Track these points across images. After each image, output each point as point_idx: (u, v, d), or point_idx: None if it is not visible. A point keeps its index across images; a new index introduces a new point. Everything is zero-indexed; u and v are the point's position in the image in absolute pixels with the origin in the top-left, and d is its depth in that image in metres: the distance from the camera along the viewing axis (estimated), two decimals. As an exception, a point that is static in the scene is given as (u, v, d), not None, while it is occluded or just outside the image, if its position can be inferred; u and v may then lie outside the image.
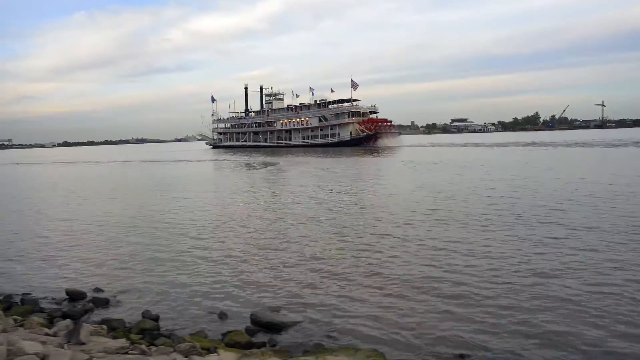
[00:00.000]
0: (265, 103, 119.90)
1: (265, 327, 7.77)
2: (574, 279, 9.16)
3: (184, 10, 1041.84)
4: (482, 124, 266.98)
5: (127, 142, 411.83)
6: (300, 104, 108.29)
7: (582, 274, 9.47)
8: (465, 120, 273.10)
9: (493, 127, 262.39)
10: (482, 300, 8.33)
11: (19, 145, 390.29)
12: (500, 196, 19.92)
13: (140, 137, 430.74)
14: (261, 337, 7.43)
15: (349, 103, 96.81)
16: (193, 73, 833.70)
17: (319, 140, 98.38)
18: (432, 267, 10.39)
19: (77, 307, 8.81)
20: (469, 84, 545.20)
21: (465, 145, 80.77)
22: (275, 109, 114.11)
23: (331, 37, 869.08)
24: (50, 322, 7.70)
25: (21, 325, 7.03)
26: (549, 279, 9.20)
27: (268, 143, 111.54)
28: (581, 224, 13.86)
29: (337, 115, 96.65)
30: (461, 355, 6.58)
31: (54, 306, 9.01)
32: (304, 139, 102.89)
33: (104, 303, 9.17)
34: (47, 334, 6.50)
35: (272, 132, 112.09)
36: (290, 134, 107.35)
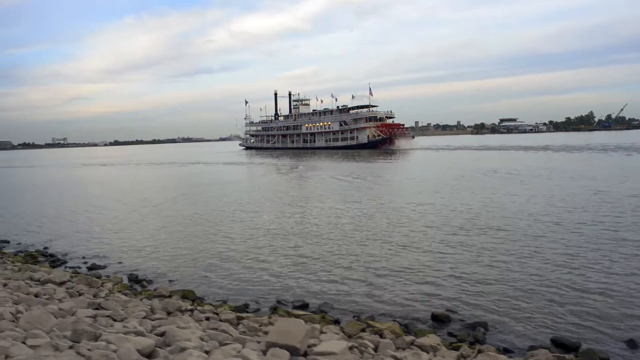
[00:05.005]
0: (293, 108, 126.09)
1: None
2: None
3: (228, 10, 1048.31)
4: (533, 124, 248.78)
5: (173, 141, 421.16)
6: (324, 109, 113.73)
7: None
8: (514, 120, 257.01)
9: (544, 127, 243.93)
10: None
11: (74, 144, 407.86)
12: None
13: (186, 137, 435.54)
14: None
15: (367, 109, 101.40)
16: (237, 73, 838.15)
17: (340, 143, 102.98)
18: None
19: (469, 331, 8.16)
20: (517, 83, 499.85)
21: (483, 148, 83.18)
22: (301, 114, 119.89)
23: (374, 36, 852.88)
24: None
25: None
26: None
27: (294, 145, 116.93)
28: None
29: (356, 120, 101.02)
30: None
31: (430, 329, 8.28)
32: (327, 141, 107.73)
33: (483, 326, 8.27)
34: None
35: (298, 135, 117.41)
36: (315, 136, 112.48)
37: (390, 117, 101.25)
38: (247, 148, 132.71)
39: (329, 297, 10.08)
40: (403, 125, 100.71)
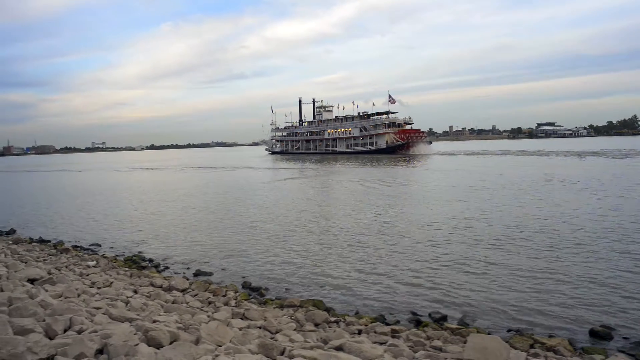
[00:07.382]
0: (317, 114, 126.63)
1: None
2: None
3: (261, 17, 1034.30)
4: (573, 128, 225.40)
5: (207, 145, 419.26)
6: (346, 115, 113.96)
7: None
8: (552, 124, 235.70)
9: (585, 132, 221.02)
10: None
11: (112, 148, 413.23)
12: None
13: (220, 141, 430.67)
14: None
15: (386, 115, 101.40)
16: (270, 78, 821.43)
17: (360, 148, 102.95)
18: None
19: None
20: (555, 86, 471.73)
21: (505, 153, 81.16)
22: (324, 120, 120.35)
23: (407, 41, 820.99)
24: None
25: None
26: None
27: (317, 150, 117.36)
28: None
29: (375, 126, 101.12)
30: None
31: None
32: (347, 146, 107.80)
33: None
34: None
35: (321, 140, 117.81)
36: (336, 142, 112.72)
37: (409, 123, 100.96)
38: (273, 153, 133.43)
39: (457, 309, 9.30)
40: (420, 130, 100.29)
